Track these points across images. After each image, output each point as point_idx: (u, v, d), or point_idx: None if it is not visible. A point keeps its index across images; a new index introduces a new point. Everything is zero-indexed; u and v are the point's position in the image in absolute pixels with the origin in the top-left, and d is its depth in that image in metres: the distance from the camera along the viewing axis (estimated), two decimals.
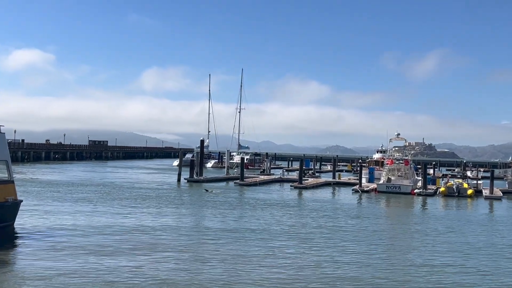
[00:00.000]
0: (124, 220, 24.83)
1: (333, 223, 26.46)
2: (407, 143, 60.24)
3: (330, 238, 21.90)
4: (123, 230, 22.02)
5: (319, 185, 54.93)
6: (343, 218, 28.96)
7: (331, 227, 25.18)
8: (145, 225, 23.46)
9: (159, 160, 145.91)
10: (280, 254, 18.07)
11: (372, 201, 41.31)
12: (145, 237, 20.53)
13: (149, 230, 22.25)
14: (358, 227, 25.54)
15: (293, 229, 23.99)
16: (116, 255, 17.01)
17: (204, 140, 72.16)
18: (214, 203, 34.23)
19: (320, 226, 25.22)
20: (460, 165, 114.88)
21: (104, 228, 22.27)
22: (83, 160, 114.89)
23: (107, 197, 35.77)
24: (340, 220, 27.82)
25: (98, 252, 17.44)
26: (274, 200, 38.12)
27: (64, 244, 18.53)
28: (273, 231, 23.23)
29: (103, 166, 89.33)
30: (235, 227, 24.07)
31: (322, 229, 24.24)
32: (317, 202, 37.85)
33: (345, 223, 26.84)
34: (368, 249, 19.70)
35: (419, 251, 19.84)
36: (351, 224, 26.48)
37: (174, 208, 30.92)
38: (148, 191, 41.41)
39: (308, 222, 26.73)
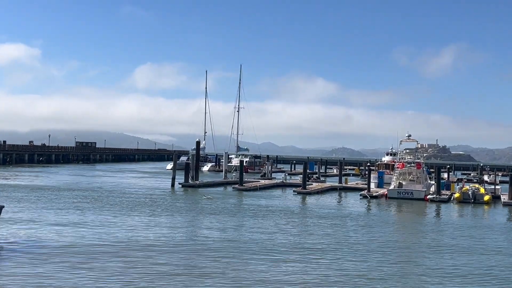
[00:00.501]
0: (113, 230, 24.69)
1: (341, 232, 26.33)
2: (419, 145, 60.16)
3: (338, 249, 21.71)
4: (113, 240, 21.87)
5: (325, 190, 54.83)
6: (350, 226, 28.84)
7: (338, 237, 25.02)
8: (137, 235, 23.31)
9: (152, 163, 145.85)
10: (284, 267, 17.93)
11: (382, 207, 41.18)
12: (136, 248, 20.38)
13: (141, 240, 22.10)
14: (368, 237, 25.39)
15: (298, 239, 23.83)
16: (104, 269, 16.86)
17: (200, 142, 72.10)
18: (212, 210, 34.11)
19: (327, 236, 25.03)
20: (476, 169, 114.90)
21: (92, 239, 22.12)
22: (69, 163, 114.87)
23: (95, 203, 35.65)
24: (348, 229, 27.70)
25: (85, 265, 17.28)
26: (276, 206, 38.00)
27: (47, 256, 18.37)
28: (276, 241, 23.06)
29: (91, 170, 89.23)
30: (234, 237, 23.92)
31: (329, 239, 24.06)
32: (322, 208, 37.74)
33: (354, 232, 26.70)
34: (380, 261, 19.57)
35: (433, 264, 19.71)
36: (360, 233, 26.34)
37: (168, 215, 30.79)
38: (140, 197, 41.31)
39: (313, 231, 26.58)
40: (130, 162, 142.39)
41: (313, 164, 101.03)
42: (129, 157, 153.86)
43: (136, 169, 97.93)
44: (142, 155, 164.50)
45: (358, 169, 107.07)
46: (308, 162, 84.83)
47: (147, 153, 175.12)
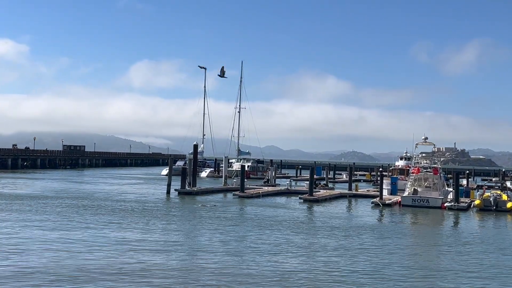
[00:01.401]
0: (103, 241, 24.59)
1: (351, 244, 26.15)
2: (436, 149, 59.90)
3: (350, 262, 21.52)
4: (103, 253, 21.78)
5: (333, 197, 54.77)
6: (361, 237, 28.68)
7: (349, 248, 24.83)
8: (129, 248, 23.19)
9: (145, 168, 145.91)
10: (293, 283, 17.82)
11: (396, 216, 41.05)
12: (129, 262, 20.28)
13: (134, 253, 21.97)
14: (381, 249, 25.14)
15: (305, 251, 23.68)
16: (94, 285, 16.78)
17: (197, 145, 72.11)
18: (210, 220, 34.01)
19: (337, 248, 24.86)
20: (498, 174, 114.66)
21: (80, 251, 22.04)
22: (56, 168, 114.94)
23: (83, 212, 35.57)
24: (359, 240, 27.54)
25: (73, 279, 17.19)
26: (280, 216, 37.89)
27: (32, 270, 18.29)
28: (283, 253, 22.88)
29: (79, 175, 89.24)
30: (236, 249, 23.75)
31: (339, 252, 23.90)
32: (330, 217, 37.64)
33: (365, 244, 26.51)
34: (395, 279, 19.42)
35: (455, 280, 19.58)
36: (372, 245, 26.12)
37: (163, 225, 30.69)
38: (133, 205, 41.24)
39: (321, 242, 26.42)
40: (121, 167, 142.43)
41: (320, 169, 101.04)
42: (120, 161, 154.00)
43: (128, 175, 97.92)
44: (134, 160, 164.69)
45: (370, 175, 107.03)
46: (315, 167, 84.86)
47: (140, 157, 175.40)
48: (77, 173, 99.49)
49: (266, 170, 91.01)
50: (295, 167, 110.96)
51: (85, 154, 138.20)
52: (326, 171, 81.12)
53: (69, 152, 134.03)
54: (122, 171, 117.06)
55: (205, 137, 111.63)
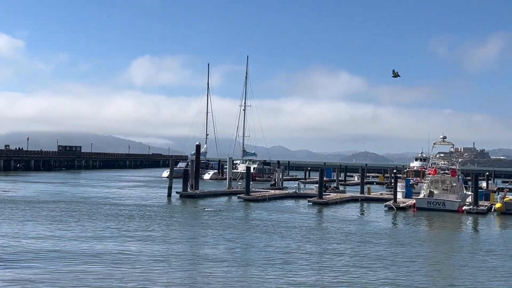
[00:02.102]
0: (101, 249, 24.59)
1: (366, 251, 25.96)
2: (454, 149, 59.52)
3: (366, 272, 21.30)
4: (100, 260, 21.77)
5: (344, 201, 54.74)
6: (376, 244, 28.53)
7: (364, 256, 24.62)
8: (127, 255, 23.19)
9: (145, 170, 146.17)
10: None
11: (410, 221, 40.97)
12: (128, 271, 20.27)
13: (133, 261, 21.97)
14: (398, 258, 24.97)
15: (318, 259, 23.54)
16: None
17: (200, 145, 72.10)
18: (214, 225, 34.01)
19: (351, 256, 24.66)
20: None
21: (76, 257, 22.05)
22: (51, 170, 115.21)
23: (79, 218, 35.60)
24: (374, 247, 27.39)
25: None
26: (288, 220, 37.87)
27: (26, 278, 18.30)
28: (293, 262, 22.72)
29: (75, 178, 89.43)
30: (243, 258, 23.70)
31: (354, 260, 23.71)
32: (342, 222, 37.58)
33: (381, 251, 26.34)
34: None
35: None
36: (388, 253, 25.87)
37: (164, 231, 30.71)
38: (131, 210, 41.28)
39: (334, 249, 26.29)
40: (120, 169, 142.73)
41: (330, 170, 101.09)
42: (119, 163, 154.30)
43: (127, 177, 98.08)
44: (134, 161, 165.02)
45: (383, 177, 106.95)
46: (325, 168, 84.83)
47: (139, 158, 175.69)
48: (73, 175, 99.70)
49: (273, 172, 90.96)
50: (303, 169, 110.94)
51: (81, 155, 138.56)
52: (336, 173, 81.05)
53: (65, 153, 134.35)
54: (120, 173, 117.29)
55: (209, 137, 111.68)
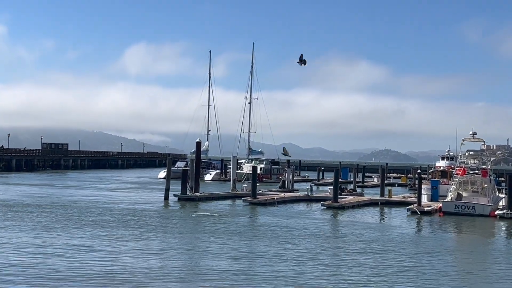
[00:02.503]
0: (90, 258, 24.66)
1: (389, 262, 25.85)
2: (485, 146, 59.27)
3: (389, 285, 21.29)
4: (90, 272, 21.85)
5: (362, 204, 54.67)
6: (400, 253, 28.36)
7: (387, 267, 24.52)
8: (120, 265, 23.25)
9: (140, 170, 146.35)
10: None
11: (436, 227, 40.94)
12: (121, 283, 20.36)
13: (126, 272, 22.03)
14: (427, 269, 24.81)
15: (335, 271, 23.40)
16: None
17: (201, 143, 72.13)
18: (217, 232, 33.99)
19: (373, 267, 24.55)
20: None
21: (63, 269, 22.14)
22: (34, 170, 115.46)
23: (67, 224, 35.68)
24: (397, 257, 27.24)
25: None
26: (300, 226, 37.84)
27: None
28: (306, 273, 22.67)
29: (61, 179, 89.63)
30: (250, 269, 23.63)
31: (377, 272, 23.57)
32: (360, 229, 37.50)
33: (406, 262, 26.25)
34: None
35: None
36: (414, 264, 25.71)
37: (161, 239, 30.74)
38: (124, 215, 41.34)
39: (353, 259, 26.24)
40: (111, 169, 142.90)
41: (347, 171, 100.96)
42: (110, 162, 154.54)
43: (119, 179, 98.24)
44: (127, 160, 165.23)
45: (406, 178, 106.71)
46: (340, 168, 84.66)
47: (133, 157, 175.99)
48: (58, 176, 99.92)
49: (282, 173, 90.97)
50: (316, 169, 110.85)
51: (68, 153, 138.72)
52: (353, 174, 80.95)
53: (50, 151, 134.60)
54: (112, 173, 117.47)
55: (210, 133, 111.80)
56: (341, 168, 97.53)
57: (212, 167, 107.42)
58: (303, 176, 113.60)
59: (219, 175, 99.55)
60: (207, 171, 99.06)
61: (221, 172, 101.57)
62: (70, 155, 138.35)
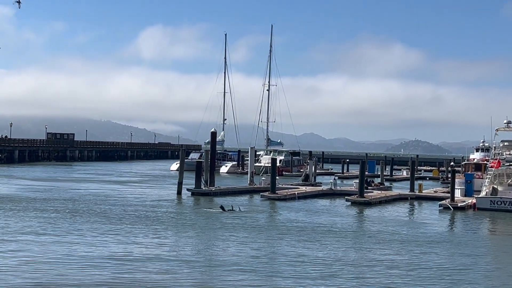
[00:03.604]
0: (99, 257, 24.84)
1: (423, 262, 25.71)
2: None
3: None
4: (99, 273, 22.03)
5: (390, 200, 54.50)
6: (434, 253, 28.19)
7: (424, 269, 24.33)
8: (131, 264, 23.43)
9: (150, 162, 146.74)
10: None
11: (470, 223, 40.88)
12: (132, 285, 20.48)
13: (138, 274, 22.20)
14: (470, 272, 24.59)
15: (367, 274, 23.21)
16: None
17: (216, 133, 72.17)
18: (233, 229, 34.00)
19: (409, 270, 24.31)
20: None
21: (70, 270, 22.31)
22: (38, 161, 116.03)
23: (73, 220, 35.78)
24: (431, 257, 27.07)
25: None
26: (323, 223, 37.85)
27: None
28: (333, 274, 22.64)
29: (67, 172, 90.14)
30: (271, 270, 23.59)
31: (414, 274, 23.34)
32: (389, 226, 37.39)
33: (441, 263, 26.05)
34: None
35: None
36: (450, 265, 25.59)
37: (173, 237, 30.91)
38: (134, 211, 41.43)
39: (384, 259, 26.08)
40: (120, 161, 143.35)
41: (374, 163, 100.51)
42: (119, 154, 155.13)
43: (129, 171, 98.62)
44: (137, 152, 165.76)
45: (438, 171, 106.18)
46: (366, 160, 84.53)
47: (144, 148, 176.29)
48: (64, 168, 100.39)
49: (303, 165, 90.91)
50: (341, 161, 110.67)
51: (74, 144, 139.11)
52: (381, 166, 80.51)
53: (55, 141, 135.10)
54: (121, 166, 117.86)
55: (227, 123, 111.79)
56: (368, 160, 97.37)
57: (228, 158, 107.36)
58: (326, 168, 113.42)
59: (235, 168, 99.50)
60: (222, 163, 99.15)
61: (238, 165, 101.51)
62: (76, 146, 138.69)
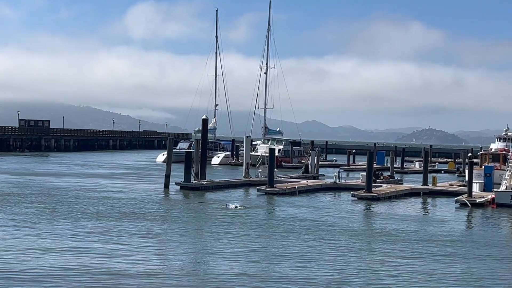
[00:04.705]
0: (78, 258, 24.76)
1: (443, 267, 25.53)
2: None
3: None
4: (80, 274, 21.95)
5: (401, 194, 54.44)
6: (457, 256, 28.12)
7: (445, 275, 24.15)
8: (113, 268, 23.33)
9: (135, 152, 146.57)
10: None
11: (489, 221, 40.84)
12: None
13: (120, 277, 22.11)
14: (491, 278, 24.47)
15: (375, 279, 23.12)
16: None
17: (208, 120, 72.02)
18: (227, 228, 33.87)
19: (427, 276, 24.11)
20: None
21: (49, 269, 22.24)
22: (9, 151, 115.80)
23: (51, 217, 35.66)
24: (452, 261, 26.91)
25: None
26: (327, 220, 37.83)
27: None
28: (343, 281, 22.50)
29: (42, 163, 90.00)
30: (269, 273, 23.57)
31: (432, 282, 23.19)
32: (400, 224, 37.30)
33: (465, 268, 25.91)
34: None
35: None
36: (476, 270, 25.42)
37: (161, 236, 30.77)
38: (116, 207, 41.33)
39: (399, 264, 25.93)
40: (101, 151, 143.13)
41: (383, 154, 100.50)
42: (100, 143, 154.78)
43: (111, 162, 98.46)
44: (119, 141, 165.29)
45: (454, 163, 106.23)
46: (375, 151, 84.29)
47: (127, 137, 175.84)
48: (39, 159, 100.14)
49: (304, 156, 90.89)
50: (346, 152, 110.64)
51: (50, 132, 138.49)
52: (391, 158, 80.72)
53: (28, 129, 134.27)
54: (101, 156, 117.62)
55: (218, 109, 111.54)
56: (376, 151, 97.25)
57: (221, 148, 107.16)
58: (329, 160, 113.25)
59: (228, 158, 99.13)
60: (214, 153, 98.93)
61: (232, 155, 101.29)
62: (52, 134, 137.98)
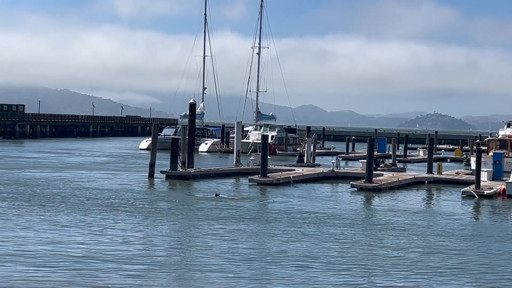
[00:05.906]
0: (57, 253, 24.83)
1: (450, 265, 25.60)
2: None
3: None
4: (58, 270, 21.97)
5: (404, 184, 54.55)
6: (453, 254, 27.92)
7: (455, 275, 24.11)
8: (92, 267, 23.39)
9: (117, 139, 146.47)
10: None
11: (499, 214, 40.94)
12: None
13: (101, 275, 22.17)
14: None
15: (384, 278, 23.02)
16: None
17: (195, 104, 72.03)
18: (217, 221, 33.87)
19: (432, 273, 24.06)
20: None
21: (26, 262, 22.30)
22: None
23: (26, 210, 35.68)
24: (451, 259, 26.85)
25: None
26: (324, 211, 37.92)
27: None
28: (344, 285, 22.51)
29: (16, 150, 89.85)
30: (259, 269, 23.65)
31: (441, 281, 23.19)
32: (404, 217, 37.25)
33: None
34: None
35: None
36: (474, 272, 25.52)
37: (144, 231, 30.81)
38: (97, 198, 41.38)
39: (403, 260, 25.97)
40: (80, 137, 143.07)
41: (384, 141, 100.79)
42: (79, 129, 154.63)
43: (91, 150, 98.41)
44: (100, 127, 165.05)
45: (460, 150, 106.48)
46: (376, 137, 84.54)
47: (108, 123, 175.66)
48: (13, 146, 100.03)
49: (300, 143, 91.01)
50: (345, 138, 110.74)
51: (25, 117, 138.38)
52: (393, 145, 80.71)
53: (1, 114, 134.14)
54: (81, 144, 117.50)
55: (207, 92, 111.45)
56: (377, 138, 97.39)
57: (210, 135, 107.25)
58: (327, 147, 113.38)
59: (219, 145, 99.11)
60: (202, 140, 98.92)
61: (221, 142, 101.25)
62: (27, 120, 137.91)
